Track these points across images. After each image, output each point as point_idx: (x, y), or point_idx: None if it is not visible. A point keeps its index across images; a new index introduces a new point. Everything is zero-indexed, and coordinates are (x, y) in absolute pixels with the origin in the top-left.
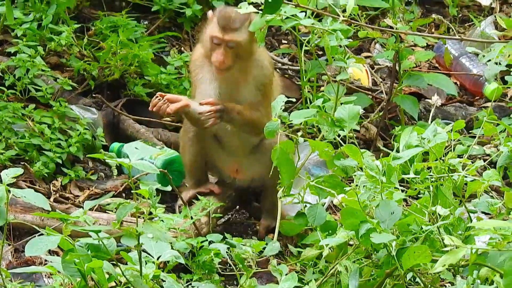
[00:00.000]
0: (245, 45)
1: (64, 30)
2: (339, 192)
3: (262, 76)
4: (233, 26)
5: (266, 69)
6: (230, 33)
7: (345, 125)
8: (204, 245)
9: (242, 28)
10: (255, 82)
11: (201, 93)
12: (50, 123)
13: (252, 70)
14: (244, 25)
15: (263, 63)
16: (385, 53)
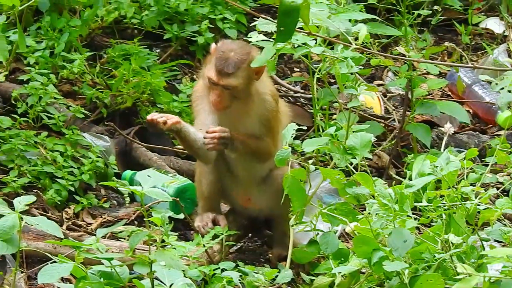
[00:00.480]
0: (242, 88)
1: (77, 58)
2: (352, 220)
3: (264, 111)
4: (228, 71)
5: (268, 103)
6: (225, 77)
7: (357, 153)
8: (216, 273)
9: (238, 72)
10: (258, 117)
11: (200, 124)
12: (63, 151)
13: (253, 104)
14: (240, 67)
15: (265, 97)
16: (398, 81)
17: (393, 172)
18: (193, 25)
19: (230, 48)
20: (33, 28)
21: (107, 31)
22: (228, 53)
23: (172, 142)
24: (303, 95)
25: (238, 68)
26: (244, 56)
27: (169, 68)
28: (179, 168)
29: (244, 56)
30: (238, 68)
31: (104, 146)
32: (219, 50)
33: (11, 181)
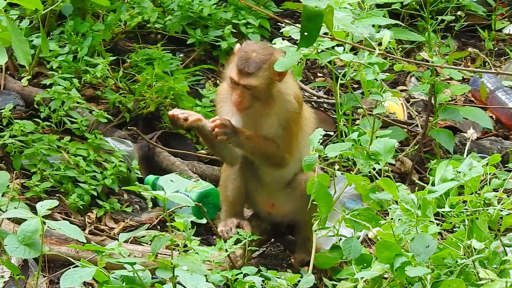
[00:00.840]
0: (262, 88)
1: (100, 63)
2: (374, 226)
3: (285, 112)
4: (249, 71)
5: (290, 104)
6: (246, 77)
7: (381, 158)
8: (239, 277)
9: (259, 72)
10: (278, 117)
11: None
12: (85, 155)
13: (274, 105)
14: (261, 68)
15: (288, 98)
16: (421, 87)
17: (416, 178)
18: (217, 30)
19: (252, 48)
20: (56, 33)
21: (130, 36)
22: (250, 53)
23: (195, 147)
24: (326, 100)
25: (259, 68)
26: (266, 56)
27: (192, 73)
28: (202, 173)
29: (266, 57)
30: (259, 68)
31: (127, 151)
32: (242, 50)
33: (33, 186)
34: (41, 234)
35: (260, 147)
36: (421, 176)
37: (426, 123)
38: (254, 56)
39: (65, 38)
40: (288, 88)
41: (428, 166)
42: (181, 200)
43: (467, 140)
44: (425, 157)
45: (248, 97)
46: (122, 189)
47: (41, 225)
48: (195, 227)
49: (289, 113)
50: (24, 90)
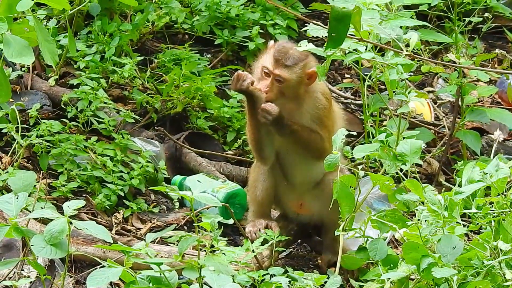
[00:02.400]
0: (293, 85)
1: (127, 63)
2: (401, 227)
3: (316, 109)
4: (286, 62)
5: (319, 102)
6: (281, 68)
7: (407, 159)
8: (265, 278)
9: (295, 67)
10: (310, 115)
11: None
12: (112, 156)
13: (304, 103)
14: (298, 64)
15: (316, 96)
16: (448, 88)
17: (443, 179)
18: (244, 31)
19: (290, 45)
20: (84, 32)
21: (158, 36)
22: (288, 48)
23: (222, 147)
24: (353, 101)
25: (295, 63)
26: (303, 56)
27: (219, 73)
28: (229, 174)
29: (303, 56)
30: (296, 64)
31: (154, 151)
32: (279, 44)
33: (60, 186)
34: (67, 234)
35: (304, 136)
36: (448, 177)
37: (453, 125)
38: (292, 51)
39: (93, 38)
40: (315, 85)
41: (455, 168)
42: (208, 200)
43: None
44: (452, 158)
45: (276, 90)
46: (149, 189)
47: (67, 225)
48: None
49: (319, 110)
50: (51, 90)
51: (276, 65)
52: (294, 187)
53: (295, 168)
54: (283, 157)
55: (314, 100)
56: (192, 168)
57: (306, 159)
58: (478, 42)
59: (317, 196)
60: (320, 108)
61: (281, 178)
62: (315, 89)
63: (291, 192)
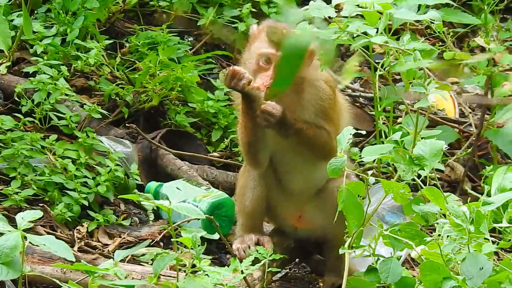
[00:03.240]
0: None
1: (93, 47)
2: (418, 244)
3: (319, 100)
4: None
5: (322, 91)
6: None
7: (426, 163)
8: None
9: None
10: (313, 108)
11: None
12: (75, 158)
13: (305, 94)
14: None
15: (318, 84)
16: (476, 79)
17: (469, 187)
18: (233, 9)
19: (279, 24)
20: (42, 11)
21: (130, 16)
22: (279, 27)
23: (206, 148)
24: (362, 94)
25: None
26: None
27: (203, 60)
28: (213, 180)
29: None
30: None
31: (124, 153)
32: (269, 26)
33: (13, 193)
34: (21, 251)
35: (309, 134)
36: (475, 184)
37: (481, 122)
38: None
39: (52, 18)
40: (317, 73)
41: (483, 173)
42: (189, 211)
43: None
44: (480, 162)
45: None
46: (118, 198)
47: (21, 240)
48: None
49: (323, 101)
50: (3, 79)
51: (277, 47)
52: (291, 196)
53: (293, 173)
54: (279, 160)
55: (316, 90)
56: (169, 173)
57: (306, 162)
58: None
59: (319, 206)
60: (325, 99)
61: (275, 186)
62: (317, 77)
63: (287, 202)
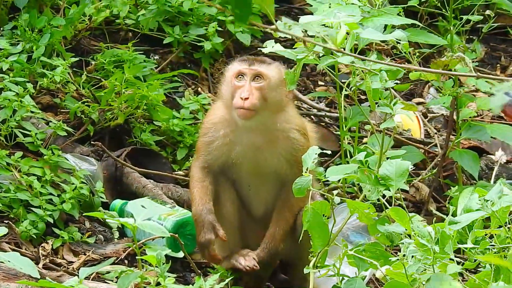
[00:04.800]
0: (275, 86)
1: (59, 65)
2: (383, 264)
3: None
4: (258, 59)
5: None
6: (259, 64)
7: (392, 183)
8: None
9: (272, 65)
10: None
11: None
12: (40, 175)
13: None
14: (275, 64)
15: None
16: (441, 99)
17: (434, 207)
18: (199, 28)
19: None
20: (8, 28)
21: (96, 33)
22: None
23: (171, 167)
24: (328, 113)
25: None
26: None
27: (169, 78)
28: (178, 198)
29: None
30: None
31: (90, 170)
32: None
33: None
34: None
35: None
36: (440, 205)
37: (446, 143)
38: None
39: (18, 35)
40: (290, 119)
41: (448, 194)
42: (154, 229)
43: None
44: (445, 183)
45: (257, 94)
46: (83, 215)
47: None
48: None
49: (297, 152)
50: None
51: (251, 63)
52: (255, 218)
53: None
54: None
55: (290, 142)
56: (135, 191)
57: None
58: (478, 45)
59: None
60: (298, 150)
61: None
62: (290, 127)
63: (252, 223)
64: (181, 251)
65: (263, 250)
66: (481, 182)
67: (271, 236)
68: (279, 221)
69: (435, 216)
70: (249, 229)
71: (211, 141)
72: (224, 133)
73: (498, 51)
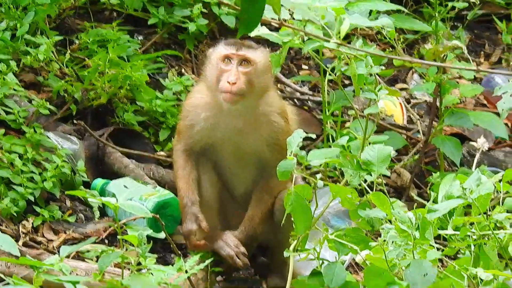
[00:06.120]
0: (260, 70)
1: (43, 43)
2: (363, 248)
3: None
4: (245, 43)
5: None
6: (246, 48)
7: (373, 169)
8: None
9: (258, 50)
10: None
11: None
12: (22, 153)
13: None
14: (262, 48)
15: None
16: (424, 86)
17: (415, 193)
18: (183, 9)
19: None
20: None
21: (81, 13)
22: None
23: (153, 147)
24: (311, 97)
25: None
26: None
27: (153, 59)
28: (160, 179)
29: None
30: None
31: (71, 149)
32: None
33: None
34: None
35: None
36: (421, 191)
37: (429, 129)
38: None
39: (2, 12)
40: (272, 103)
41: (430, 180)
42: (136, 209)
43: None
44: (427, 169)
45: (244, 79)
46: (64, 194)
47: None
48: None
49: (278, 135)
50: None
51: (238, 47)
52: (235, 199)
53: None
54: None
55: (272, 126)
56: (116, 171)
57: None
58: (462, 32)
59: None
60: (279, 133)
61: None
62: (272, 109)
63: (232, 204)
64: (162, 232)
65: (242, 232)
66: (462, 169)
67: (249, 218)
68: (258, 204)
69: (416, 202)
70: (230, 210)
71: (192, 124)
72: (205, 116)
73: (483, 38)
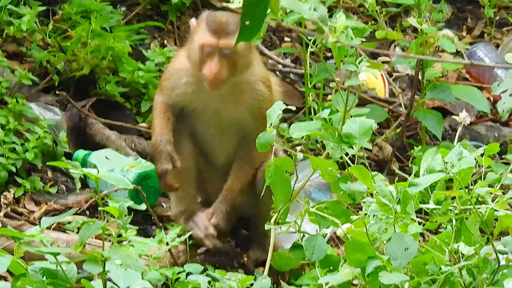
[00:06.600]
0: (243, 53)
1: (26, 13)
2: (344, 222)
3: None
4: (227, 30)
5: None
6: (225, 38)
7: (355, 142)
8: (180, 276)
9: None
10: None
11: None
12: (4, 123)
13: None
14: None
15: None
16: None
17: (396, 167)
18: None
19: (220, 13)
20: None
21: None
22: (221, 16)
23: (135, 118)
24: (293, 70)
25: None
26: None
27: (135, 30)
28: (141, 151)
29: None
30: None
31: (54, 120)
32: (208, 15)
33: None
34: None
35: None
36: (402, 165)
37: (411, 103)
38: (228, 16)
39: None
40: (256, 72)
41: (411, 154)
42: (117, 181)
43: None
44: (408, 142)
45: (227, 67)
46: (46, 165)
47: None
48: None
49: (261, 103)
50: None
51: (218, 36)
52: (216, 169)
53: (218, 148)
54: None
55: (255, 94)
56: (98, 142)
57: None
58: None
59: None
60: (262, 101)
61: (202, 158)
62: (256, 79)
63: (212, 174)
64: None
65: (220, 202)
66: (444, 143)
67: (229, 188)
68: (238, 174)
69: (397, 175)
70: (209, 179)
71: (173, 87)
72: (186, 81)
73: (465, 12)
